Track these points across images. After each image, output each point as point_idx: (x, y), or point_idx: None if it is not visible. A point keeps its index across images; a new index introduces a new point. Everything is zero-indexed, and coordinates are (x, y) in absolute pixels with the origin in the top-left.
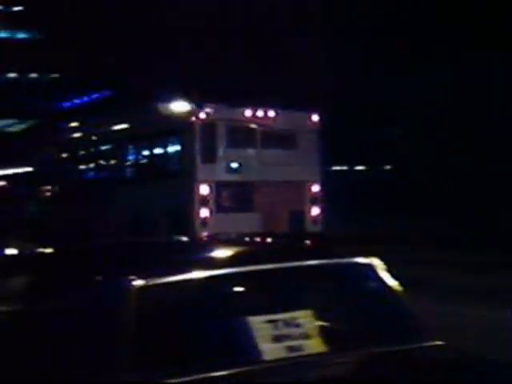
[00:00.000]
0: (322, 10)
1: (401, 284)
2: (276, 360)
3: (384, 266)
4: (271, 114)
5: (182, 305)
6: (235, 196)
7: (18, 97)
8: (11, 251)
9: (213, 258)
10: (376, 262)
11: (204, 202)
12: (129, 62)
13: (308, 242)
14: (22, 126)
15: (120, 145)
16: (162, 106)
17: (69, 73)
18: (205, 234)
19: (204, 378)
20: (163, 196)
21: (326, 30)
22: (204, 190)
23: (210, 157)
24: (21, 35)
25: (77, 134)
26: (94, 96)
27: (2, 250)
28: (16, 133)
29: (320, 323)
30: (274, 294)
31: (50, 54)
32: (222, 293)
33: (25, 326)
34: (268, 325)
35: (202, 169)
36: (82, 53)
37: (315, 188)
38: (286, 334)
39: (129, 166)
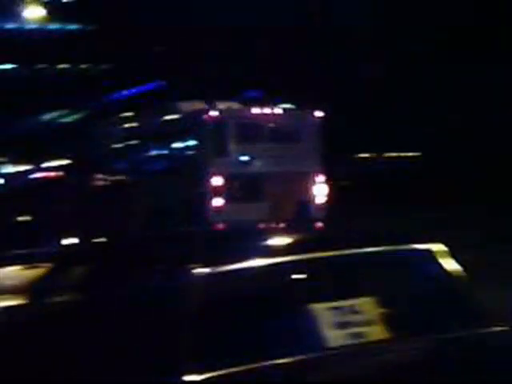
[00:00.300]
0: None
1: (464, 269)
2: (339, 347)
3: (447, 251)
4: (277, 111)
5: (246, 293)
6: (245, 187)
7: (70, 87)
8: (70, 241)
9: (275, 246)
10: (438, 248)
11: (217, 192)
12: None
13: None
14: (75, 117)
15: (148, 139)
16: (178, 105)
17: (120, 63)
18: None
19: (269, 366)
20: (182, 186)
21: None
22: (217, 181)
23: (221, 151)
24: (72, 27)
25: (121, 127)
26: (146, 87)
27: (59, 241)
28: (68, 123)
29: (382, 310)
30: (337, 281)
31: (101, 44)
32: (285, 280)
33: (87, 316)
34: (331, 312)
35: (214, 162)
36: (133, 43)
37: (320, 178)
38: (349, 320)
39: (154, 158)
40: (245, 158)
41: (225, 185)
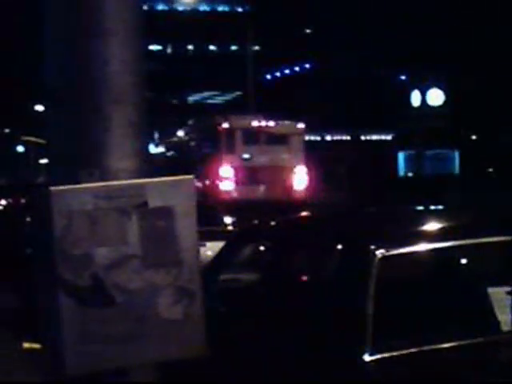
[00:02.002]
0: None
1: None
2: None
3: None
4: (270, 123)
5: (423, 275)
6: (247, 175)
7: (220, 69)
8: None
9: (447, 229)
10: None
11: (226, 179)
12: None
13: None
14: (224, 98)
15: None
16: (204, 119)
17: (271, 45)
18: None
19: (442, 348)
20: (206, 174)
21: None
22: (226, 171)
23: (230, 150)
24: (221, 8)
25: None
26: (296, 68)
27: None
28: (217, 105)
29: None
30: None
31: (252, 26)
32: (459, 264)
33: (262, 295)
34: (507, 296)
35: (225, 158)
36: (284, 25)
37: (301, 170)
38: None
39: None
40: (247, 156)
41: (232, 174)
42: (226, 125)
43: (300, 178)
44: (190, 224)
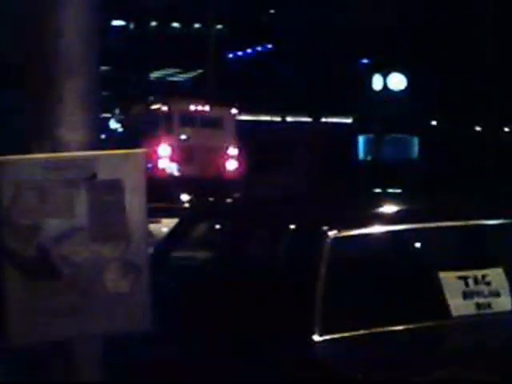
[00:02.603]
0: None
1: None
2: (464, 316)
3: None
4: (206, 108)
5: (374, 257)
6: (185, 154)
7: (182, 47)
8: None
9: (404, 212)
10: None
11: (165, 157)
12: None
13: None
14: (186, 76)
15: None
16: (149, 103)
17: (233, 25)
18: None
19: (392, 331)
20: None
21: None
22: (165, 149)
23: (169, 131)
24: None
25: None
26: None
27: None
28: (179, 82)
29: (510, 282)
30: (466, 250)
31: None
32: (412, 247)
33: (216, 273)
34: (458, 281)
35: (163, 138)
36: (246, 5)
37: (232, 150)
38: (476, 290)
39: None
40: (183, 136)
41: (171, 152)
42: (164, 108)
43: (231, 159)
44: (139, 198)
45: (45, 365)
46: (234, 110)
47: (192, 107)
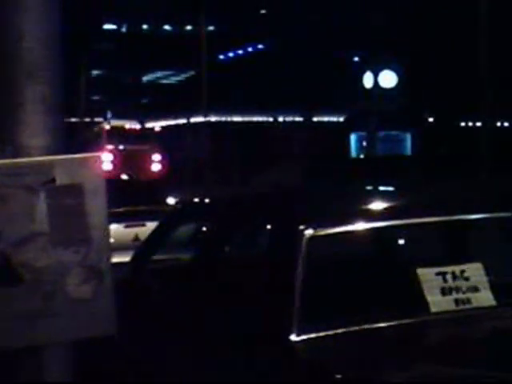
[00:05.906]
0: None
1: None
2: (443, 312)
3: None
4: (137, 126)
5: (352, 255)
6: (120, 161)
7: (175, 49)
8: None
9: (382, 209)
10: None
11: (107, 161)
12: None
13: None
14: (178, 79)
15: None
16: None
17: (225, 25)
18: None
19: (370, 329)
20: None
21: None
22: (107, 157)
23: (110, 142)
24: None
25: None
26: (250, 49)
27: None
28: (171, 84)
29: (489, 277)
30: (444, 246)
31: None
32: (390, 244)
33: (197, 272)
34: (437, 277)
35: (106, 148)
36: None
37: (156, 157)
38: (454, 286)
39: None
40: (121, 147)
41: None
42: (107, 126)
43: (155, 163)
44: (99, 202)
45: (13, 364)
46: (157, 128)
47: (127, 125)
